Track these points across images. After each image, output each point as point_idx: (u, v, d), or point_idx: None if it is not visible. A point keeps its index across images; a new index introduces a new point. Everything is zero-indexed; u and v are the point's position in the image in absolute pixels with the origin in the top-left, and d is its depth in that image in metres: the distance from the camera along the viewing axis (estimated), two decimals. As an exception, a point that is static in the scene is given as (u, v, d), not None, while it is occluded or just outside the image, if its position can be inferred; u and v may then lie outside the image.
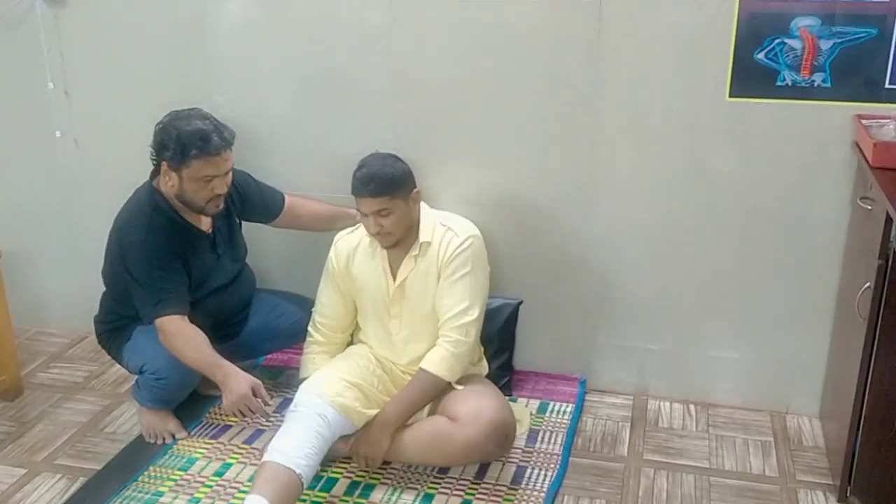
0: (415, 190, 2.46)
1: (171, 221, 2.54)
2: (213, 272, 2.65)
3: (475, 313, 2.43)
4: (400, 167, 2.43)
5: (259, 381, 2.40)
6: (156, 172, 2.55)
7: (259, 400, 2.38)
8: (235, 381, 2.39)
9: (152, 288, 2.48)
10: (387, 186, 2.37)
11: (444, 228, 2.48)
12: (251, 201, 2.75)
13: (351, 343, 2.68)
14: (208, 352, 2.45)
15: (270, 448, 2.26)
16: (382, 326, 2.56)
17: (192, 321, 2.49)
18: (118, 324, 2.69)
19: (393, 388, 2.53)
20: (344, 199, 2.59)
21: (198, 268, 2.59)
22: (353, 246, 2.57)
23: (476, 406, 2.35)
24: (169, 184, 2.50)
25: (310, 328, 2.63)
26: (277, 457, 2.22)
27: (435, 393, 2.43)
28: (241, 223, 2.77)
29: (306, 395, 2.38)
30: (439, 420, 2.39)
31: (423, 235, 2.47)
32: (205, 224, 2.63)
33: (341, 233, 2.63)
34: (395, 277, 2.50)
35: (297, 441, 2.26)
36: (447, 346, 2.41)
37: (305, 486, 2.24)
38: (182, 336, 2.46)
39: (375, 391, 2.49)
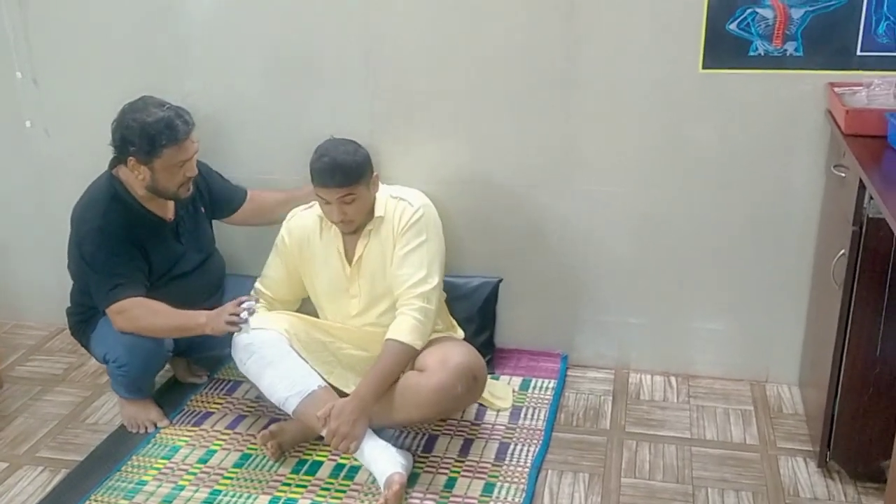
0: (374, 174, 2.47)
1: (130, 209, 2.51)
2: (178, 261, 2.62)
3: (434, 281, 2.42)
4: (362, 153, 2.44)
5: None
6: (115, 161, 2.51)
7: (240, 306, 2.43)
8: (215, 312, 2.44)
9: (108, 274, 2.45)
10: (352, 175, 2.37)
11: (396, 200, 2.48)
12: (216, 189, 2.75)
13: None
14: (176, 311, 2.45)
15: (286, 398, 2.38)
16: (342, 307, 2.57)
17: None
18: (86, 315, 2.66)
19: (332, 357, 2.52)
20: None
21: (159, 256, 2.56)
22: (307, 227, 2.57)
23: (443, 354, 2.37)
24: (139, 178, 2.46)
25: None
26: (299, 397, 2.36)
27: (406, 362, 2.40)
28: (206, 213, 2.74)
29: (254, 333, 2.45)
30: (408, 374, 2.40)
31: (377, 211, 2.47)
32: (168, 212, 2.60)
33: (295, 210, 2.63)
34: (350, 259, 2.51)
35: (293, 372, 2.39)
36: (413, 314, 2.37)
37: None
38: (144, 306, 2.44)
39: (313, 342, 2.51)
